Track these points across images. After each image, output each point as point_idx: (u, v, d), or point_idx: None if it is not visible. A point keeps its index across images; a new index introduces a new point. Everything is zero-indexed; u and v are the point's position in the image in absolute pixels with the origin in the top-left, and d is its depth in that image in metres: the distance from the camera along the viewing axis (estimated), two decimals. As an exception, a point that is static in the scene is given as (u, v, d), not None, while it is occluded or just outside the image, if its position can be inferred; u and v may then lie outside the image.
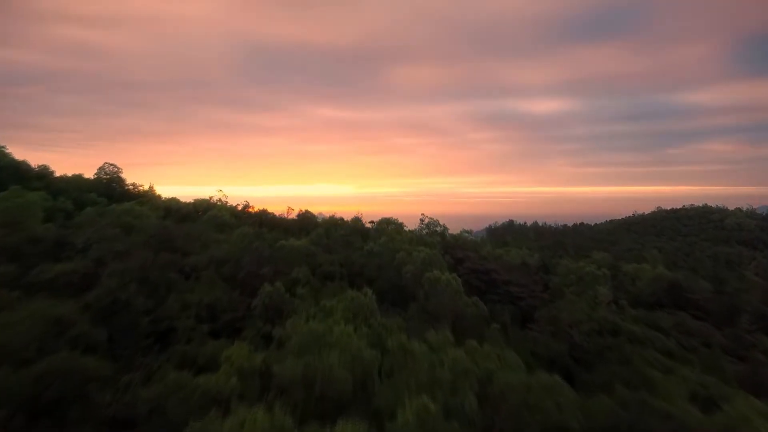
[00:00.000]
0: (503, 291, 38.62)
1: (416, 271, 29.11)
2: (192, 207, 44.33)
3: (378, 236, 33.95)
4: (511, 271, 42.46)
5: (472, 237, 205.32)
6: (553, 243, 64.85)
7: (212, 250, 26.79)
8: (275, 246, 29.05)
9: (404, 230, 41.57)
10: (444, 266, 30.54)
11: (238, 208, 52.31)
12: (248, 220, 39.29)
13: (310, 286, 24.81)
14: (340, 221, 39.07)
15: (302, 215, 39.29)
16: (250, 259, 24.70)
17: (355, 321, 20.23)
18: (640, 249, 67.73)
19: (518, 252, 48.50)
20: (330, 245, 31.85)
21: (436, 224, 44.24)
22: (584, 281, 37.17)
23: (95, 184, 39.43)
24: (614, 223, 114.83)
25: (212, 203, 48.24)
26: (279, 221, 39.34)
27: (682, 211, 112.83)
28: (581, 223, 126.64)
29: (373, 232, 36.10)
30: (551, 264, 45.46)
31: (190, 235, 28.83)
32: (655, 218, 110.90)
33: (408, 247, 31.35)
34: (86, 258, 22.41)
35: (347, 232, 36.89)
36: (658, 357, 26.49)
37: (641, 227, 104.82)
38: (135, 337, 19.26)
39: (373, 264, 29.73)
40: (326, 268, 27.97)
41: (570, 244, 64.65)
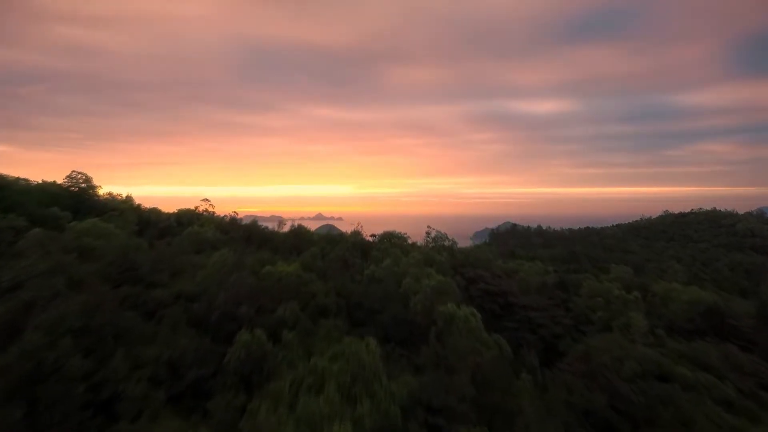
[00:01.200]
0: (522, 317, 33.82)
1: (426, 302, 24.40)
2: (174, 219, 39.45)
3: (381, 256, 29.23)
4: (528, 291, 37.66)
5: (476, 242, 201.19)
6: (566, 254, 60.06)
7: (183, 281, 21.98)
8: (260, 273, 24.25)
9: (409, 245, 36.80)
10: (458, 294, 25.76)
11: (228, 217, 47.44)
12: (236, 234, 34.46)
13: (299, 328, 20.03)
14: (338, 237, 34.21)
15: (296, 231, 34.27)
16: (227, 295, 19.92)
17: (355, 386, 15.53)
18: (657, 260, 63.06)
19: (532, 267, 43.76)
20: (325, 269, 27.08)
21: (444, 237, 39.48)
22: (614, 305, 32.44)
23: (60, 195, 34.25)
24: (622, 227, 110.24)
25: (197, 214, 43.36)
26: (269, 236, 34.44)
27: (691, 215, 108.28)
28: (587, 228, 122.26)
29: (375, 250, 31.27)
30: (570, 281, 40.72)
31: (160, 261, 24.00)
32: (664, 223, 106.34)
33: (415, 271, 26.61)
34: (15, 300, 17.61)
35: (346, 250, 32.13)
36: (718, 411, 21.87)
37: (650, 232, 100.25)
38: (65, 412, 14.54)
39: (376, 293, 24.98)
40: (320, 300, 23.19)
41: (583, 255, 59.89)
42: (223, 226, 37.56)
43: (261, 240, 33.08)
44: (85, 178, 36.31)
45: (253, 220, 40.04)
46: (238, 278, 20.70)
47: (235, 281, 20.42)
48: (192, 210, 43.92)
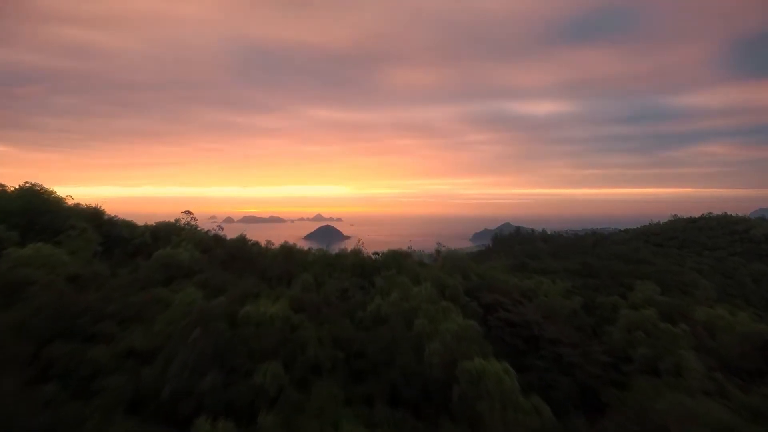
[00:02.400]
0: (550, 353, 28.62)
1: (446, 353, 19.35)
2: (150, 235, 34.16)
3: (387, 286, 24.09)
4: (553, 319, 32.52)
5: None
6: (582, 267, 54.92)
7: (137, 332, 16.81)
8: (238, 317, 19.12)
9: (418, 265, 31.71)
10: (483, 341, 20.68)
11: (213, 231, 42.13)
12: (217, 255, 29.18)
13: (283, 401, 14.97)
14: (336, 258, 29.02)
15: (287, 251, 28.82)
16: (186, 359, 14.83)
17: None
18: (677, 271, 58.03)
19: (552, 286, 38.67)
20: (320, 305, 21.92)
21: (457, 257, 34.39)
22: (658, 340, 27.40)
23: (11, 209, 28.72)
24: (630, 232, 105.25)
25: (178, 228, 38.05)
26: (256, 257, 29.07)
27: (702, 220, 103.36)
28: (594, 232, 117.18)
29: (380, 277, 26.01)
30: (599, 306, 35.71)
31: (111, 300, 18.78)
32: (675, 228, 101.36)
33: (429, 308, 21.53)
34: None
35: (345, 276, 26.92)
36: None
37: (660, 238, 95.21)
38: None
39: (382, 339, 19.90)
40: (312, 352, 18.12)
41: (600, 267, 54.76)
42: (204, 243, 32.27)
43: (246, 262, 27.86)
44: (43, 189, 30.91)
45: (241, 237, 34.75)
46: (202, 334, 15.58)
47: (196, 339, 15.30)
48: (172, 223, 38.64)
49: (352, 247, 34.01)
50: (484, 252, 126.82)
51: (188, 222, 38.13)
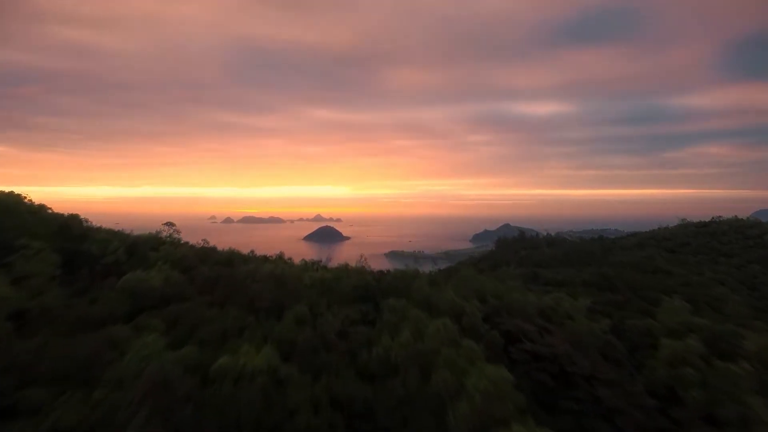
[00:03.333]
0: (586, 394, 24.23)
1: (475, 420, 15.20)
2: (125, 250, 29.88)
3: (395, 320, 19.80)
4: (583, 347, 28.12)
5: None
6: (600, 278, 50.78)
7: (67, 405, 12.62)
8: (210, 371, 14.93)
9: (429, 289, 27.49)
10: (516, 394, 16.55)
11: (201, 244, 37.84)
12: (198, 279, 24.80)
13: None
14: (334, 281, 24.55)
15: (278, 278, 23.89)
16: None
17: None
18: (699, 282, 53.93)
19: (573, 304, 34.48)
20: (316, 347, 17.68)
21: (471, 276, 30.14)
22: (714, 381, 23.22)
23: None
24: (638, 237, 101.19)
25: (160, 241, 33.73)
26: (241, 284, 24.33)
27: (714, 225, 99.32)
28: (600, 236, 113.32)
29: (388, 309, 21.53)
30: (628, 327, 31.54)
31: (45, 347, 14.54)
32: (686, 233, 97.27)
33: (450, 353, 17.31)
34: None
35: (346, 300, 22.65)
36: None
37: (672, 244, 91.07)
38: None
39: (392, 395, 15.73)
40: (303, 419, 13.94)
41: (619, 279, 50.64)
42: (186, 261, 27.84)
43: (232, 288, 23.42)
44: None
45: (229, 252, 30.52)
46: (154, 410, 11.36)
47: (146, 419, 11.10)
48: (153, 235, 34.30)
49: (355, 263, 29.74)
50: (487, 256, 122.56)
51: (170, 234, 33.85)
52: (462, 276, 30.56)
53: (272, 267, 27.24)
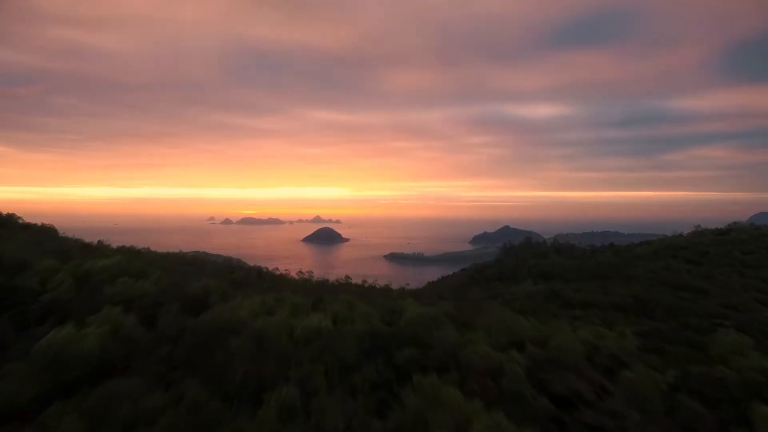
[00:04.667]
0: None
1: None
2: (72, 286, 23.47)
3: (421, 406, 14.01)
4: (654, 418, 22.34)
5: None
6: (633, 301, 44.84)
7: None
8: None
9: (456, 336, 21.49)
10: None
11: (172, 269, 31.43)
12: (151, 341, 18.56)
13: None
14: (335, 332, 18.57)
15: (259, 337, 17.29)
16: None
17: None
18: (738, 303, 48.17)
19: (618, 342, 28.62)
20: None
21: (505, 315, 24.06)
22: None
23: None
24: (653, 245, 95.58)
25: (122, 269, 27.09)
26: (213, 339, 17.66)
27: (732, 233, 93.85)
28: (612, 244, 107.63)
29: (411, 390, 15.54)
30: (696, 378, 25.78)
31: None
32: (703, 242, 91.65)
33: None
34: None
35: (350, 364, 16.86)
36: None
37: (690, 253, 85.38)
38: None
39: None
40: None
41: (651, 301, 44.73)
42: (145, 302, 21.16)
43: (193, 353, 16.94)
44: None
45: (204, 287, 24.29)
46: None
47: None
48: (115, 262, 27.38)
49: (359, 314, 23.47)
50: (493, 264, 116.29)
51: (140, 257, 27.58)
52: (493, 314, 24.53)
53: (257, 308, 21.32)
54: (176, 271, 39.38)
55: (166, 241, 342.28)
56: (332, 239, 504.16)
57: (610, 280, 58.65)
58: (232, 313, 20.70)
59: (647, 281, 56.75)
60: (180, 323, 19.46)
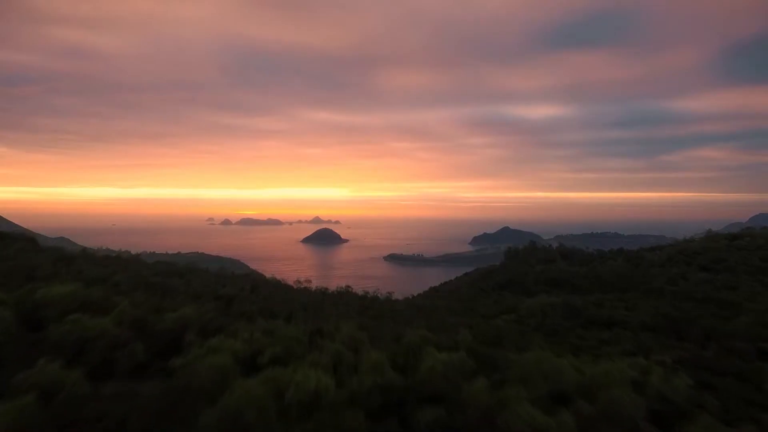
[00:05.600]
0: None
1: None
2: None
3: None
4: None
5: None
6: (669, 321, 40.33)
7: None
8: None
9: (493, 399, 17.33)
10: None
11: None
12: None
13: None
14: (334, 400, 14.36)
15: (231, 414, 13.01)
16: None
17: None
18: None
19: (668, 381, 24.69)
20: None
21: (542, 358, 20.23)
22: None
23: None
24: (666, 251, 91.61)
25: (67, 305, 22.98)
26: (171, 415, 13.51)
27: (747, 238, 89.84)
28: (621, 249, 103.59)
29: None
30: None
31: None
32: (717, 247, 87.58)
33: None
34: None
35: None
36: None
37: (705, 260, 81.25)
38: None
39: None
40: None
41: (683, 320, 40.24)
42: (103, 351, 16.89)
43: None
44: None
45: (174, 328, 20.66)
46: None
47: None
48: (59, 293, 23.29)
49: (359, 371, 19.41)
50: (498, 270, 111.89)
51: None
52: (527, 356, 20.25)
53: (241, 349, 16.67)
54: (157, 289, 34.88)
55: (166, 242, 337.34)
56: (332, 240, 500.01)
57: (629, 292, 54.58)
58: (207, 363, 16.29)
59: (670, 294, 52.70)
60: (130, 390, 15.00)
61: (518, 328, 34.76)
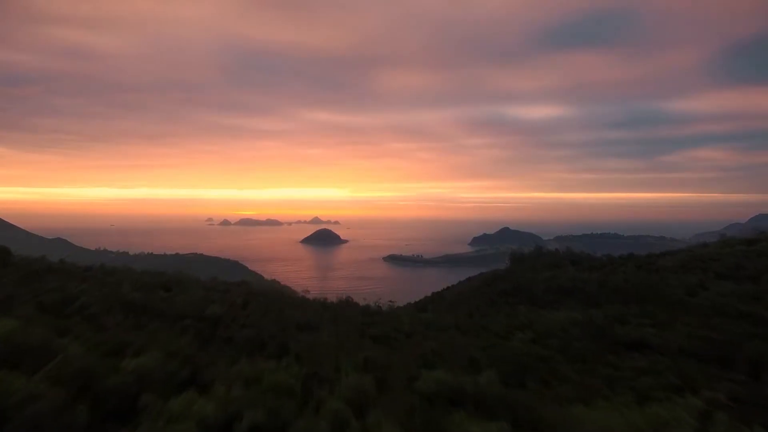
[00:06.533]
0: None
1: None
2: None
3: None
4: None
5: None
6: (700, 343, 35.52)
7: None
8: None
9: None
10: None
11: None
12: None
13: None
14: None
15: None
16: None
17: None
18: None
19: None
20: None
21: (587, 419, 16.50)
22: None
23: None
24: (679, 257, 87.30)
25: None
26: None
27: (764, 243, 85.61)
28: (631, 254, 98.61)
29: None
30: None
31: None
32: (734, 253, 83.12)
33: None
34: None
35: None
36: None
37: (723, 267, 76.75)
38: None
39: None
40: None
41: (724, 343, 35.52)
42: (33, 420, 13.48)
43: None
44: None
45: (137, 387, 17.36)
46: None
47: None
48: None
49: None
50: (503, 276, 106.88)
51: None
52: (573, 417, 16.13)
53: (212, 416, 11.69)
54: (133, 311, 30.23)
55: (165, 243, 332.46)
56: (331, 240, 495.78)
57: (647, 304, 50.53)
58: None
59: (695, 307, 48.64)
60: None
61: (540, 354, 30.50)
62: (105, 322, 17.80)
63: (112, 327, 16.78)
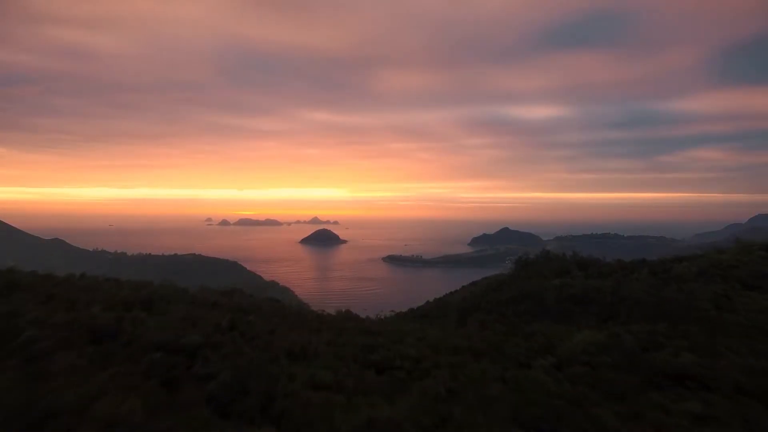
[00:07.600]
0: None
1: None
2: None
3: None
4: None
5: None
6: (758, 379, 30.62)
7: None
8: None
9: None
10: None
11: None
12: None
13: None
14: None
15: None
16: None
17: None
18: None
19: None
20: None
21: None
22: None
23: None
24: (696, 263, 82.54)
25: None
26: None
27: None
28: (644, 260, 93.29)
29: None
30: None
31: None
32: (754, 260, 78.37)
33: None
34: None
35: None
36: None
37: (744, 275, 71.85)
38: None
39: None
40: None
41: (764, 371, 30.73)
42: None
43: None
44: None
45: None
46: None
47: None
48: None
49: None
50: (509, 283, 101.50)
51: None
52: None
53: None
54: (96, 342, 25.01)
55: (164, 243, 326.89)
56: (330, 241, 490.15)
57: (676, 320, 46.18)
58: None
59: (733, 325, 44.21)
60: None
61: (571, 393, 25.63)
62: (51, 364, 12.34)
63: (59, 370, 11.38)
